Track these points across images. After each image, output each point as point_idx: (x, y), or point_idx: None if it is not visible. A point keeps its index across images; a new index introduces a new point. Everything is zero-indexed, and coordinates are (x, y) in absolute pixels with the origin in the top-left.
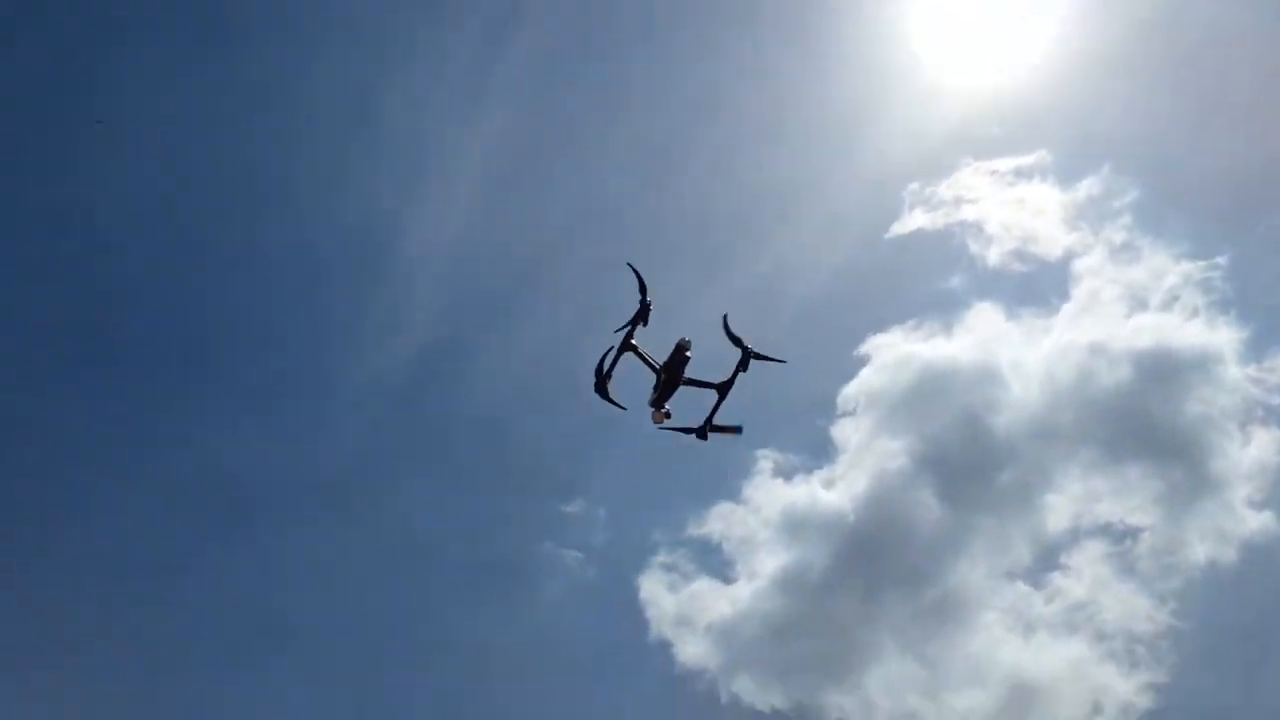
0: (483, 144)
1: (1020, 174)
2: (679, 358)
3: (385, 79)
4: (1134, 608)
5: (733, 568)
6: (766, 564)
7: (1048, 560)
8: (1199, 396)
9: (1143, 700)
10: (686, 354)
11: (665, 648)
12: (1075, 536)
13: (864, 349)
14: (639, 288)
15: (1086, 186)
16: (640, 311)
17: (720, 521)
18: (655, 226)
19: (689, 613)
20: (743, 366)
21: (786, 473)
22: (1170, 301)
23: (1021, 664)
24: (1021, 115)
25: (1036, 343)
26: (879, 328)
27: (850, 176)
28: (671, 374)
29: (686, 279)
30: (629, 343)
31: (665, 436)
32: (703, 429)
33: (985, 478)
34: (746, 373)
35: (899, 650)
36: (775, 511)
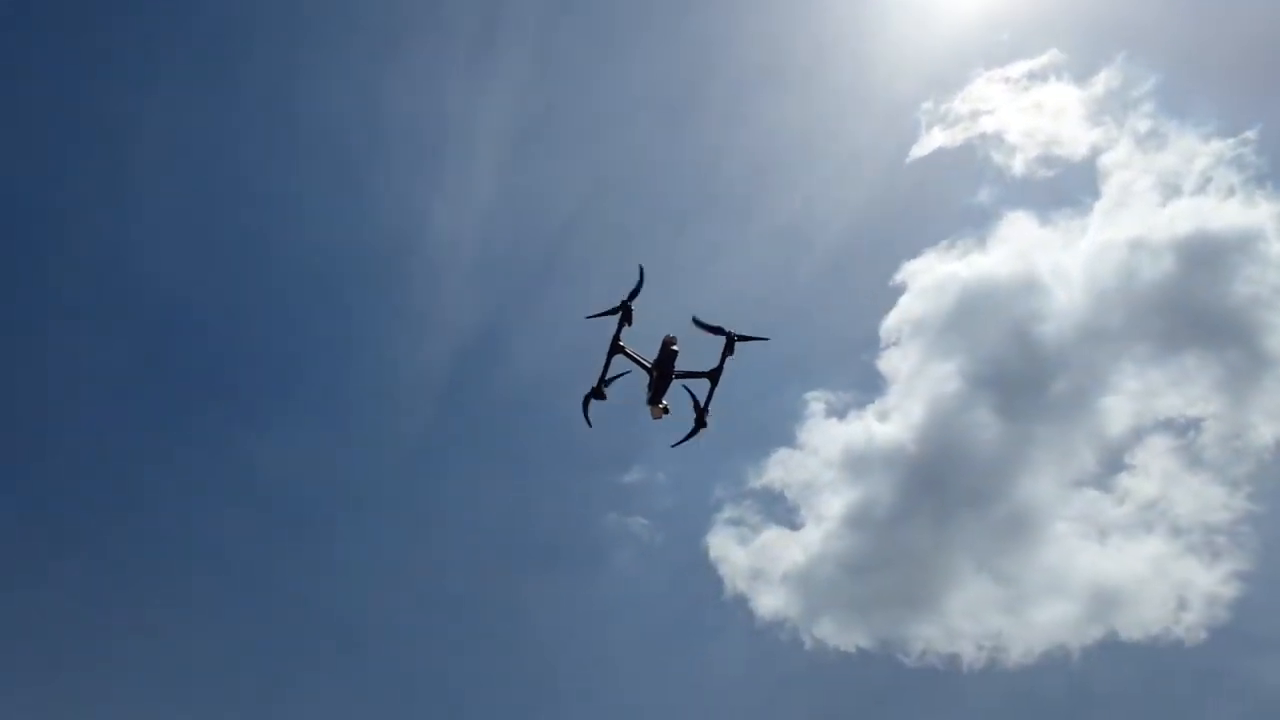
0: (492, 124)
1: (1034, 77)
2: (667, 353)
3: (387, 73)
4: (1207, 498)
5: (798, 514)
6: (832, 505)
7: (1113, 463)
8: (1245, 277)
9: (1228, 590)
10: (674, 349)
11: (743, 602)
12: (1138, 435)
13: (900, 277)
14: (634, 289)
15: (1103, 79)
16: (622, 313)
17: (780, 469)
18: (674, 184)
19: (761, 565)
20: (729, 350)
21: (839, 412)
22: (1204, 184)
23: (1100, 569)
24: (1027, 16)
25: (1074, 245)
26: (912, 254)
27: (861, 107)
28: (663, 370)
29: (713, 232)
30: (618, 345)
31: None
32: (701, 415)
33: (1040, 388)
34: (734, 356)
35: (975, 572)
36: (834, 452)
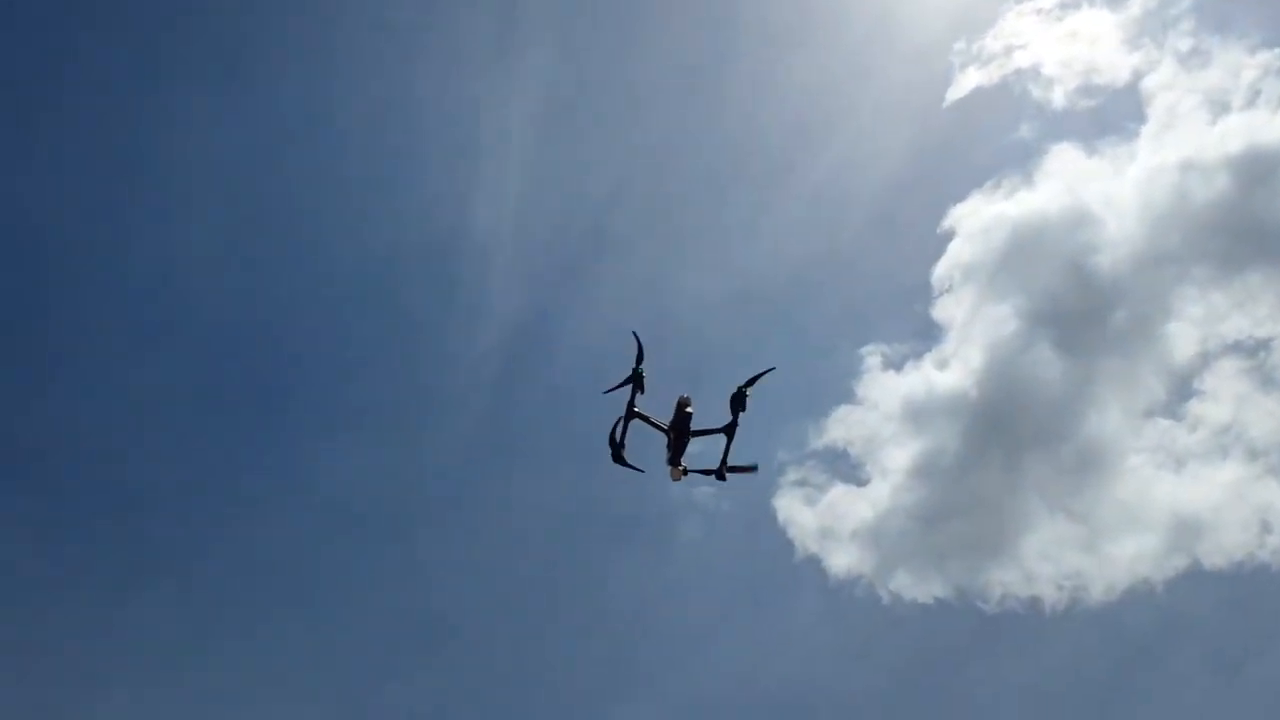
0: (523, 109)
1: (1066, 6)
2: (681, 415)
3: (415, 66)
4: None
5: (863, 469)
6: (897, 458)
7: (1182, 390)
8: None
9: None
10: (688, 410)
11: (815, 563)
12: (1205, 360)
13: (947, 223)
14: (636, 356)
15: (1139, 1)
16: (635, 381)
17: (841, 427)
18: (709, 152)
19: (830, 524)
20: (740, 406)
21: (896, 364)
22: (1253, 98)
23: (1178, 499)
24: None
25: (1123, 173)
26: (958, 197)
27: (892, 55)
28: (679, 431)
29: (753, 196)
30: (633, 411)
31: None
32: (720, 470)
33: (1100, 321)
34: (745, 412)
35: (1049, 512)
36: (894, 405)
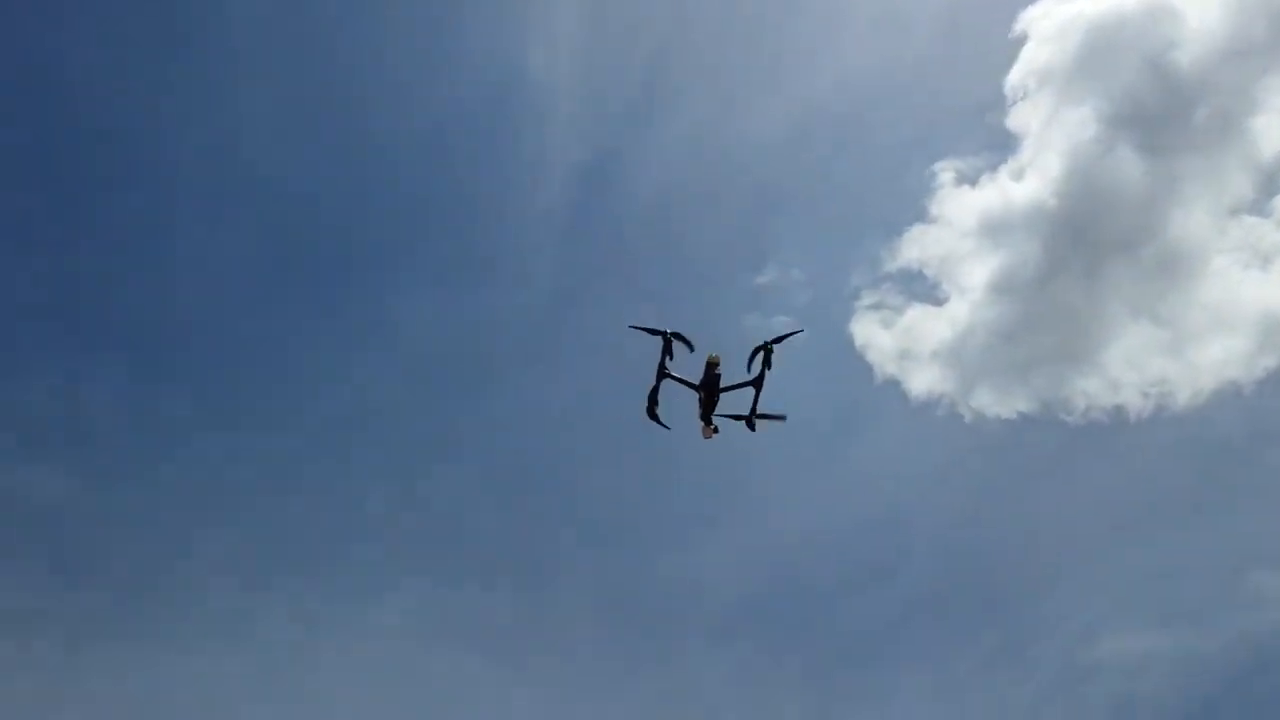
0: None
1: None
2: (711, 375)
3: None
4: None
5: (940, 289)
6: (975, 275)
7: (1270, 185)
8: None
9: None
10: (717, 370)
11: (894, 386)
12: None
13: (1019, 27)
14: (655, 334)
15: None
16: (665, 346)
17: (915, 247)
18: None
19: (909, 345)
20: (767, 364)
21: (970, 178)
22: None
23: (1266, 298)
24: None
25: None
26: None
27: None
28: (709, 390)
29: (813, 17)
30: (664, 372)
31: (842, 190)
32: (749, 419)
33: (1183, 118)
34: (771, 369)
35: (1133, 318)
36: (970, 221)
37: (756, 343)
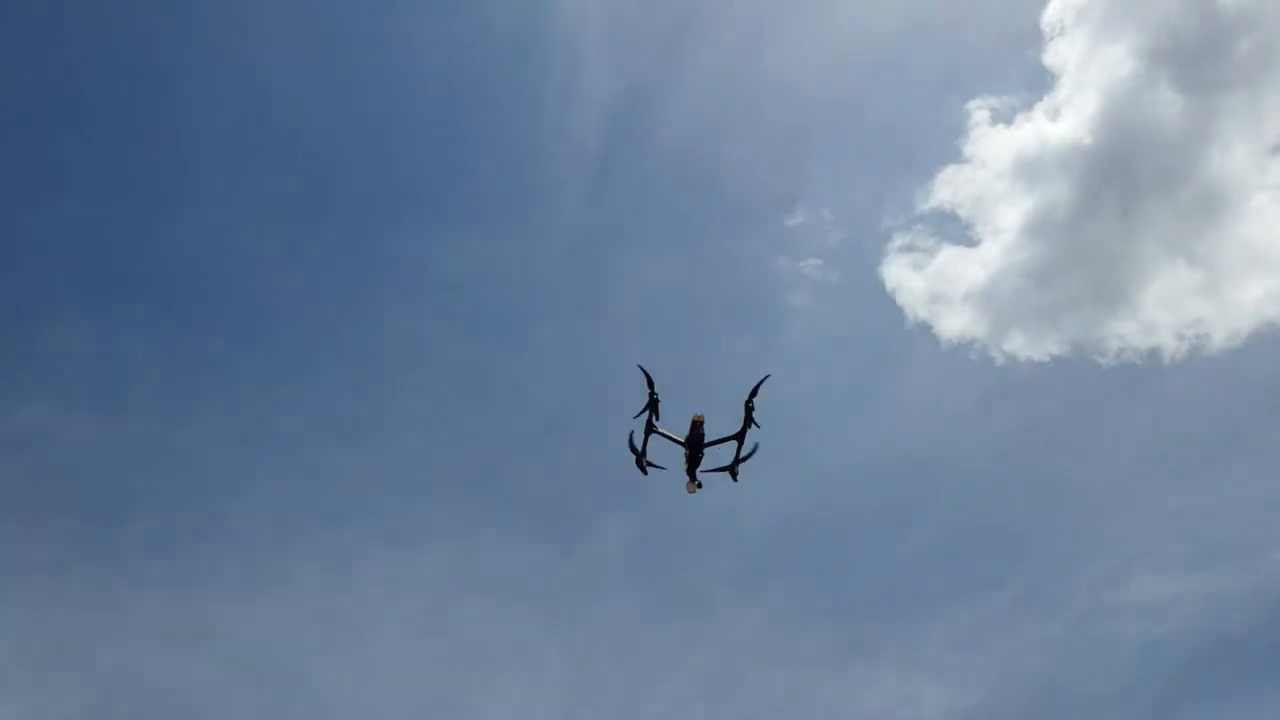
0: None
1: None
2: (696, 433)
3: None
4: None
5: (973, 230)
6: (1008, 216)
7: None
8: None
9: None
10: (701, 430)
11: (926, 329)
12: None
13: None
14: (648, 384)
15: None
16: (651, 406)
17: (948, 188)
18: None
19: (941, 288)
20: (749, 420)
21: (1006, 117)
22: None
23: None
24: None
25: None
26: None
27: None
28: (694, 446)
29: None
30: (652, 428)
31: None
32: (732, 469)
33: (1223, 54)
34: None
35: (1169, 259)
36: (1004, 161)
37: (749, 390)
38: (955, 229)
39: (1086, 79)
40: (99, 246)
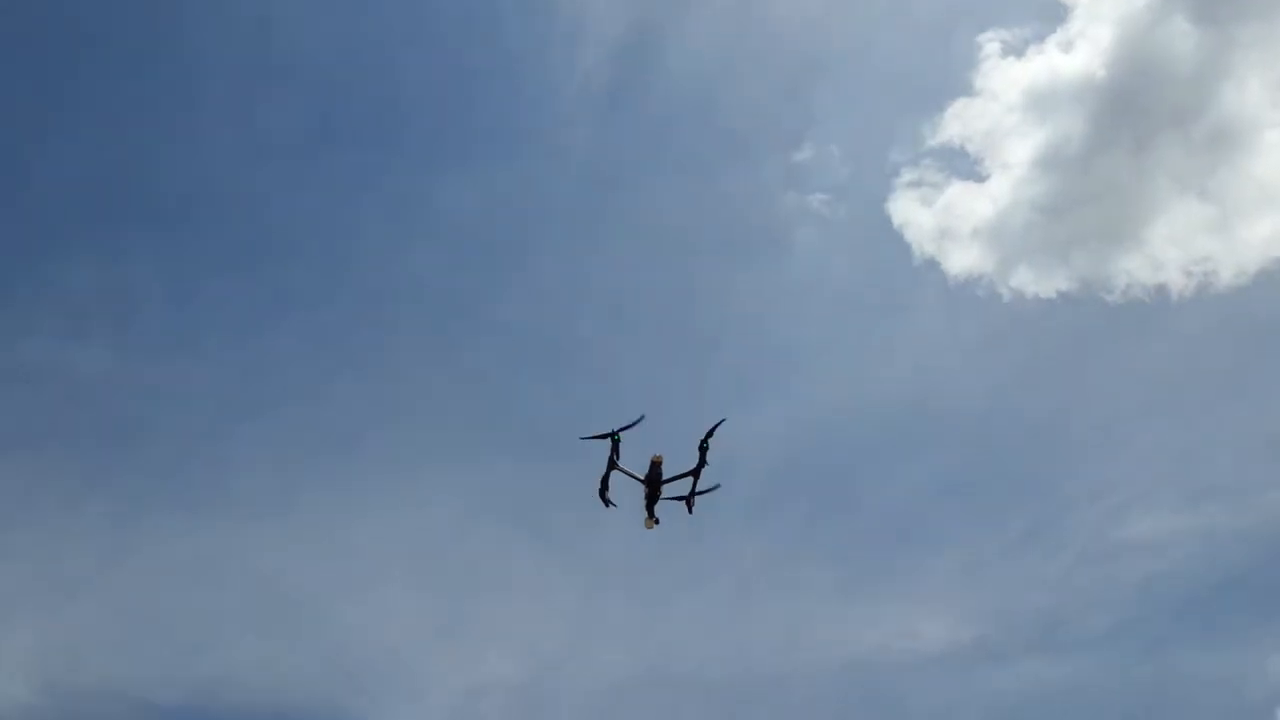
0: None
1: None
2: (655, 473)
3: None
4: None
5: (982, 165)
6: (1018, 151)
7: None
8: None
9: None
10: (660, 469)
11: (933, 266)
12: None
13: None
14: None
15: None
16: (613, 446)
17: (957, 122)
18: None
19: (949, 224)
20: (703, 459)
21: (1017, 49)
22: None
23: None
24: None
25: None
26: None
27: None
28: (652, 485)
29: None
30: (613, 465)
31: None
32: (689, 501)
33: None
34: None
35: (1179, 194)
36: (1014, 94)
37: (704, 429)
38: (964, 164)
39: (1100, 11)
40: (103, 178)
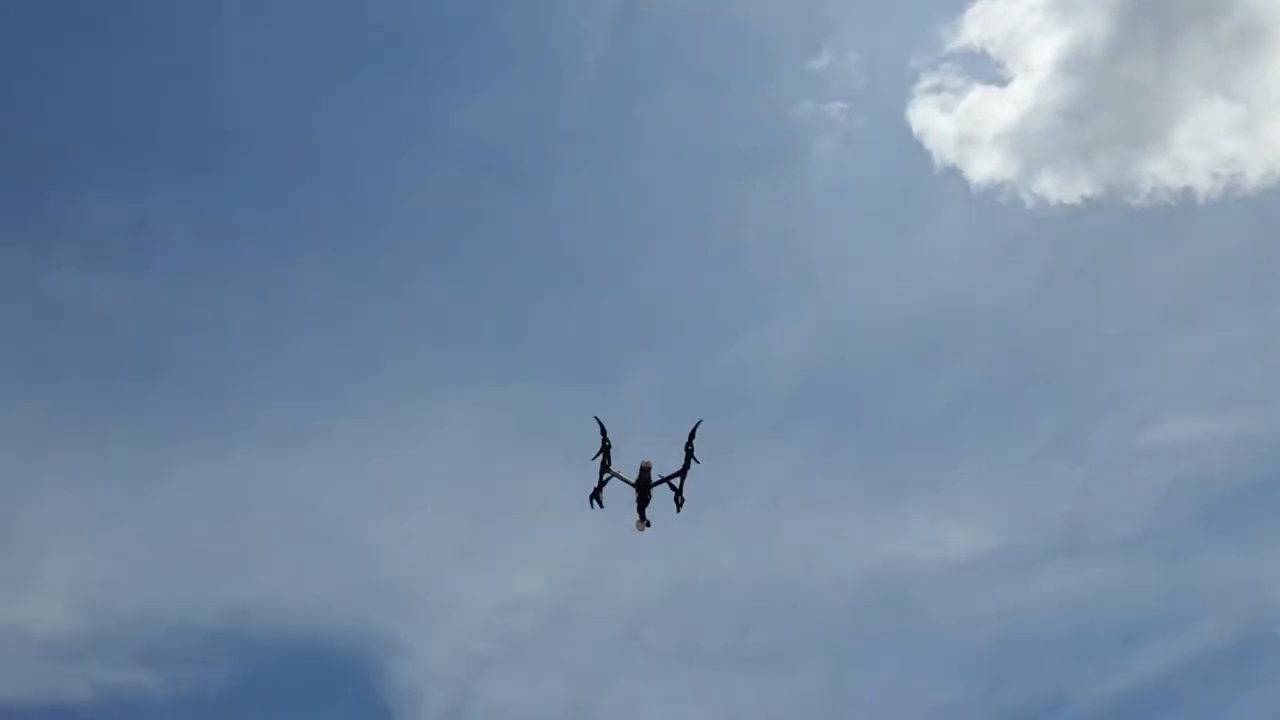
0: None
1: None
2: (644, 477)
3: None
4: None
5: (1004, 68)
6: (1041, 53)
7: None
8: None
9: None
10: (649, 473)
11: (955, 173)
12: None
13: None
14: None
15: None
16: (605, 452)
17: (977, 24)
18: None
19: (970, 129)
20: (691, 458)
21: None
22: None
23: None
24: None
25: None
26: None
27: None
28: (642, 489)
29: None
30: (607, 469)
31: None
32: (677, 498)
33: None
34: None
35: (1205, 95)
36: None
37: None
38: (985, 68)
39: None
40: (115, 108)
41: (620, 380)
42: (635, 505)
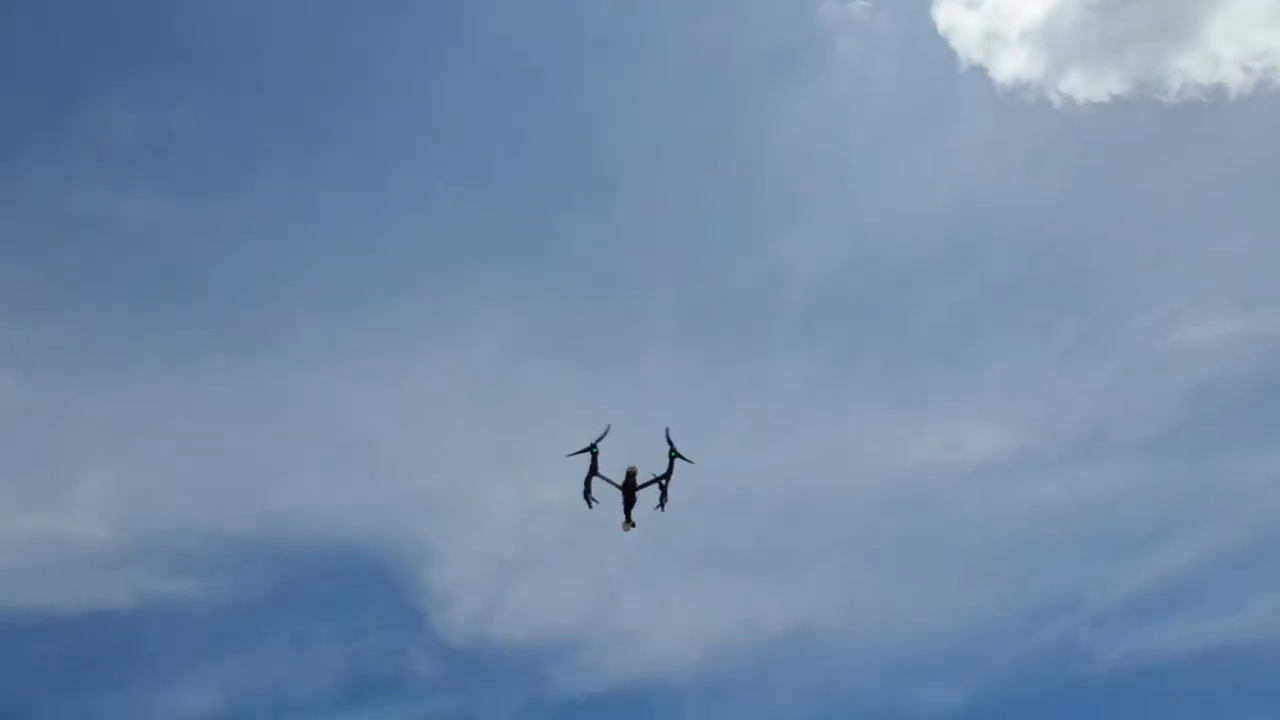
0: None
1: None
2: (630, 481)
3: None
4: None
5: None
6: None
7: None
8: None
9: None
10: (635, 478)
11: (980, 73)
12: None
13: None
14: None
15: None
16: (592, 457)
17: None
18: None
19: (996, 26)
20: (673, 463)
21: None
22: None
23: None
24: None
25: None
26: None
27: None
28: (628, 492)
29: None
30: (594, 472)
31: None
32: (661, 501)
33: None
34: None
35: None
36: None
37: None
38: None
39: None
40: (131, 20)
41: (649, 287)
42: (622, 508)
